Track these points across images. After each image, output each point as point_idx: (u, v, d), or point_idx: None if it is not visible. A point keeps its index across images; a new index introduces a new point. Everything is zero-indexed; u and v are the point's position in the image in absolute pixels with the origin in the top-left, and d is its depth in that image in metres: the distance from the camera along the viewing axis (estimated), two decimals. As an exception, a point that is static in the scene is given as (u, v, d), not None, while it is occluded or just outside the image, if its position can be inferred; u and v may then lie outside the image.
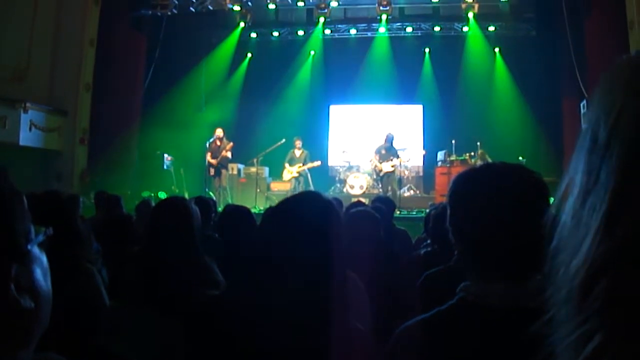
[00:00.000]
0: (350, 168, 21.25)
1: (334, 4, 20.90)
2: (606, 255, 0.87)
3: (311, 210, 2.46)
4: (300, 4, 20.84)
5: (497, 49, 22.44)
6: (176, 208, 3.71)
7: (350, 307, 2.67)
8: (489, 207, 1.98)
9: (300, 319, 2.28)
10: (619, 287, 0.85)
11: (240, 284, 2.69)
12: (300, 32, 23.37)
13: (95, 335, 3.36)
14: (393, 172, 18.23)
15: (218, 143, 18.66)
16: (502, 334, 1.83)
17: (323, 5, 20.93)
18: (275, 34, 23.52)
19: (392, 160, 18.06)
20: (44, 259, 1.22)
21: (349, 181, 20.04)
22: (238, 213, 5.34)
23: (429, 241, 6.67)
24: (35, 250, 1.19)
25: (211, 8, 21.06)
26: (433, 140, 21.90)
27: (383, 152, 18.25)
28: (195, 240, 3.69)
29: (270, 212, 2.64)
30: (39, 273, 1.19)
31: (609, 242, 0.87)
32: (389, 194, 17.42)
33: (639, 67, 0.95)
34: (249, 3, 21.19)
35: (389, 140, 18.52)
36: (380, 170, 18.17)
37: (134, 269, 3.67)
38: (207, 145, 18.75)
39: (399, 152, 18.52)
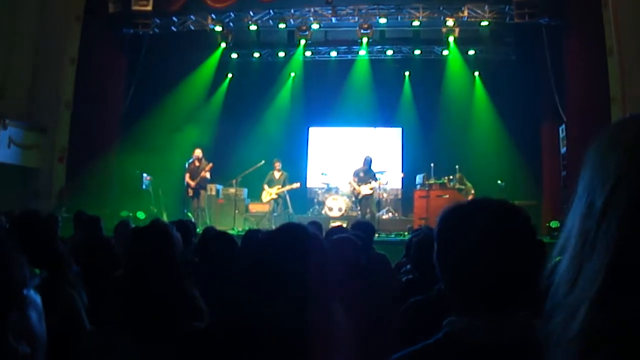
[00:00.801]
0: (329, 190, 21.26)
1: (315, 26, 20.91)
2: (604, 327, 0.87)
3: (295, 250, 2.48)
4: (282, 25, 20.87)
5: (476, 73, 22.58)
6: (158, 236, 3.68)
7: (334, 341, 2.68)
8: (476, 244, 1.99)
9: (283, 352, 2.29)
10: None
11: (224, 316, 2.69)
12: (281, 54, 23.38)
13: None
14: (371, 194, 18.24)
15: (197, 164, 18.65)
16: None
17: (304, 27, 20.97)
18: (256, 54, 23.52)
19: (370, 183, 18.07)
20: (39, 300, 1.23)
21: (328, 203, 20.06)
22: (219, 240, 5.33)
23: (409, 266, 6.67)
24: (31, 293, 1.19)
25: (192, 28, 21.10)
26: (412, 163, 21.98)
27: (361, 174, 18.26)
28: (177, 267, 3.66)
29: (252, 246, 2.66)
30: (34, 317, 1.19)
31: (606, 315, 0.87)
32: (368, 216, 17.44)
33: None
34: (231, 24, 21.21)
35: (367, 163, 18.54)
36: (359, 193, 18.15)
37: (115, 296, 3.65)
38: (186, 165, 18.74)
39: (377, 175, 18.54)
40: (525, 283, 1.97)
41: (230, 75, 23.73)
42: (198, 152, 18.84)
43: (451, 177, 18.46)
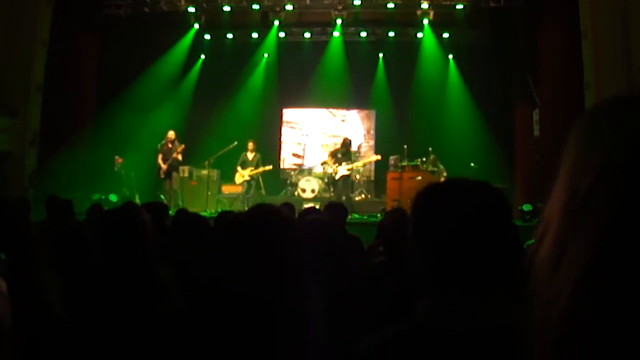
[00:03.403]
0: (301, 172, 21.30)
1: (289, 7, 20.81)
2: (584, 317, 0.86)
3: (267, 234, 2.46)
4: (255, 6, 20.74)
5: (450, 56, 22.60)
6: (127, 222, 3.66)
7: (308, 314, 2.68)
8: (452, 224, 1.98)
9: (252, 344, 2.28)
10: (594, 350, 0.85)
11: (195, 306, 2.68)
12: (255, 35, 23.24)
13: (50, 350, 3.31)
14: (349, 175, 18.24)
15: (169, 145, 18.56)
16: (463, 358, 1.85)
17: (278, 9, 20.89)
18: (230, 36, 23.35)
19: (348, 164, 18.04)
20: (3, 285, 1.20)
21: (301, 184, 20.05)
22: (191, 225, 5.31)
23: (381, 248, 6.67)
24: None
25: (165, 9, 20.89)
26: (385, 145, 21.97)
27: (339, 156, 18.24)
28: (149, 253, 3.64)
29: (223, 231, 2.64)
30: None
31: (587, 304, 0.86)
32: (343, 198, 17.42)
33: (628, 116, 0.93)
34: (204, 4, 21.05)
35: (346, 145, 18.57)
36: (336, 174, 18.13)
37: (90, 283, 3.62)
38: (159, 147, 18.64)
39: (355, 155, 18.57)
40: (501, 264, 1.96)
41: (203, 57, 23.59)
42: (171, 134, 18.74)
43: (424, 159, 18.46)
